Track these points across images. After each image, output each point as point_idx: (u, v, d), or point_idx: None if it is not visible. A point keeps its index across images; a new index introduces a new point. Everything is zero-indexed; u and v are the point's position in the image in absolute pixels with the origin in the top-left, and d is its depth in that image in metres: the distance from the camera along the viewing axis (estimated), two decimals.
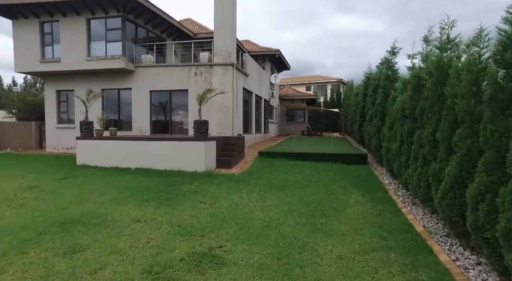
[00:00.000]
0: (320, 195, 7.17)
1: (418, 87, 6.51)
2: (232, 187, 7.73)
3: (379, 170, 9.89)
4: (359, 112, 14.51)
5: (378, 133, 10.07)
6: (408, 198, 6.82)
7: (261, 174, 9.13)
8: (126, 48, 12.37)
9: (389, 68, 10.18)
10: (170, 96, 13.09)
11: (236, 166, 10.27)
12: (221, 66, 12.30)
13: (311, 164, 10.57)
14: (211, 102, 11.91)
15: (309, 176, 8.99)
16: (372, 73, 14.06)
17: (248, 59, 15.14)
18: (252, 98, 16.27)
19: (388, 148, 8.27)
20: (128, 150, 9.87)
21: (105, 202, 6.37)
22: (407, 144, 6.62)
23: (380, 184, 8.17)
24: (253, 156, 11.96)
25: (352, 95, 20.32)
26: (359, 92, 16.48)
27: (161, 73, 12.93)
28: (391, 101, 8.88)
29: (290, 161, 10.88)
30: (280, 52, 20.33)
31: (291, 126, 27.58)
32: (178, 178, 8.65)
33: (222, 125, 12.41)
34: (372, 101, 11.45)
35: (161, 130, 13.34)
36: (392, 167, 7.99)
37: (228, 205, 6.37)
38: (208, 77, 12.40)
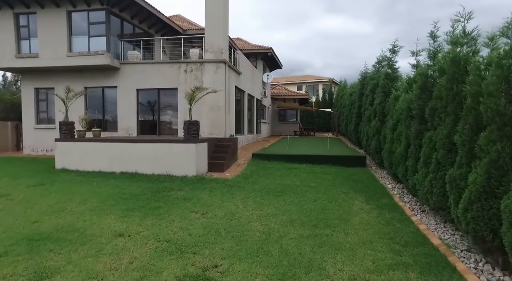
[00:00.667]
0: (321, 201, 6.67)
1: (425, 86, 6.08)
2: (226, 194, 7.15)
3: (380, 173, 9.47)
4: (355, 112, 14.12)
5: (378, 134, 9.65)
6: (416, 204, 6.38)
7: (256, 178, 8.57)
8: (110, 43, 11.59)
9: (389, 66, 9.78)
10: (158, 95, 12.38)
11: (229, 170, 9.68)
12: (213, 63, 11.67)
13: (308, 167, 10.07)
14: (202, 102, 11.28)
15: (307, 180, 8.49)
16: (368, 72, 13.71)
17: (241, 56, 14.56)
18: (245, 98, 15.70)
19: (391, 150, 7.83)
20: (112, 152, 9.16)
21: (85, 213, 5.69)
22: (415, 146, 6.18)
23: (383, 188, 7.73)
24: (246, 158, 11.39)
25: (346, 94, 19.97)
26: (354, 91, 16.13)
27: (148, 70, 12.21)
28: (393, 100, 8.47)
29: (286, 164, 10.36)
30: (272, 50, 19.82)
31: (283, 126, 27.12)
32: (167, 183, 8.01)
33: (213, 125, 11.79)
34: (370, 101, 11.05)
35: (148, 131, 12.62)
36: (396, 171, 7.55)
37: (223, 214, 5.79)
38: (198, 75, 11.75)
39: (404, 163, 6.73)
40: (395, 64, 9.65)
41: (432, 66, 6.03)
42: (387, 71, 9.77)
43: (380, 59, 11.43)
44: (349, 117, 16.21)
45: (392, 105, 8.45)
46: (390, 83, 9.47)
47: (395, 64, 9.65)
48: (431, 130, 5.57)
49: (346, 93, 19.13)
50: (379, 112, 9.64)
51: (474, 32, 4.70)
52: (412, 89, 6.77)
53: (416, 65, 7.26)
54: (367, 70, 13.93)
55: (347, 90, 20.65)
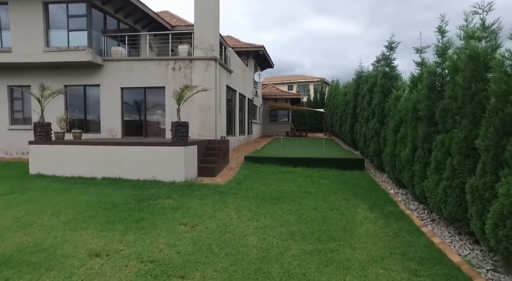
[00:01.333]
0: (322, 209, 6.15)
1: (434, 85, 5.65)
2: (217, 202, 6.55)
3: (380, 177, 9.04)
4: (350, 113, 13.71)
5: (377, 136, 9.22)
6: (424, 212, 5.93)
7: (250, 184, 7.99)
8: (92, 38, 10.77)
9: (387, 64, 9.37)
10: (145, 94, 11.65)
11: (220, 174, 9.07)
12: (203, 60, 11.03)
13: (303, 170, 9.56)
14: (192, 101, 10.62)
15: (304, 185, 7.97)
16: (364, 72, 13.33)
17: (232, 54, 13.95)
18: (236, 97, 15.10)
19: (393, 153, 7.39)
20: (93, 156, 8.42)
21: (57, 227, 5.00)
22: (423, 150, 5.73)
23: (386, 194, 7.28)
24: (238, 161, 10.80)
25: (339, 94, 19.62)
26: (349, 91, 15.75)
27: (134, 68, 11.46)
28: (394, 100, 8.04)
29: (281, 167, 9.82)
30: (264, 49, 19.26)
31: (274, 126, 26.63)
32: (153, 190, 7.35)
33: (203, 127, 11.15)
34: (367, 101, 10.63)
35: (134, 132, 11.87)
36: (399, 175, 7.11)
37: (215, 226, 5.20)
38: (187, 73, 11.09)
39: (410, 168, 6.28)
40: (393, 62, 9.25)
41: (440, 63, 5.59)
42: (385, 70, 9.37)
43: (380, 58, 11.03)
44: (343, 118, 15.82)
45: (392, 105, 8.02)
46: (388, 82, 9.07)
47: (393, 62, 9.24)
48: (442, 133, 5.13)
49: (340, 93, 18.76)
50: (378, 113, 9.22)
51: (495, 24, 4.25)
52: (418, 88, 6.34)
53: (421, 62, 6.83)
54: (363, 69, 13.56)
55: (340, 90, 20.31)
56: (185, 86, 7.90)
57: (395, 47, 9.24)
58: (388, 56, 9.34)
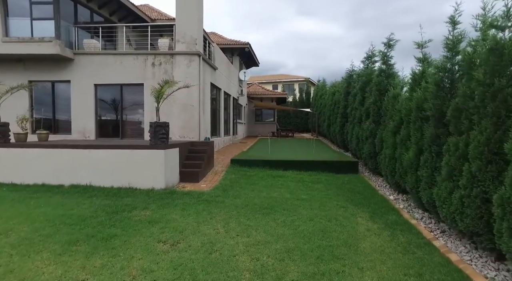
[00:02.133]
0: (319, 220, 5.52)
1: (443, 82, 5.12)
2: (202, 212, 5.79)
3: (376, 181, 8.53)
4: (340, 113, 13.23)
5: (372, 137, 8.71)
6: (430, 222, 5.40)
7: (237, 190, 7.27)
8: (60, 28, 9.70)
9: (383, 62, 8.88)
10: (121, 91, 10.68)
11: (204, 179, 8.28)
12: (185, 55, 10.19)
13: (295, 174, 8.93)
14: (173, 100, 9.79)
15: (297, 191, 7.33)
16: (355, 70, 12.89)
17: (217, 50, 13.16)
18: (221, 96, 14.32)
19: (393, 156, 6.87)
20: (60, 160, 7.44)
21: (2, 252, 4.10)
22: (430, 154, 5.20)
23: (386, 201, 6.74)
24: (224, 164, 10.04)
25: (327, 94, 19.20)
26: (338, 90, 15.31)
27: (109, 62, 10.47)
28: (392, 99, 7.54)
29: (270, 171, 9.15)
30: (250, 46, 18.55)
31: (260, 126, 25.98)
32: (129, 199, 6.49)
33: (186, 127, 10.32)
34: (360, 100, 10.13)
35: (110, 133, 10.87)
36: (400, 180, 6.59)
37: (199, 244, 4.46)
38: (168, 69, 10.22)
39: (414, 173, 5.75)
40: (391, 59, 8.76)
41: (450, 58, 5.07)
42: (382, 67, 8.88)
43: (370, 54, 10.57)
44: (332, 118, 15.34)
45: (390, 104, 7.52)
46: (385, 80, 8.58)
47: (391, 60, 8.76)
48: (454, 134, 4.60)
49: (327, 92, 18.33)
50: (373, 113, 8.71)
51: None
52: (422, 86, 5.83)
53: (422, 58, 6.33)
54: (354, 67, 13.11)
55: (327, 90, 19.91)
56: (164, 82, 7.08)
57: (394, 44, 8.76)
58: (385, 53, 8.85)
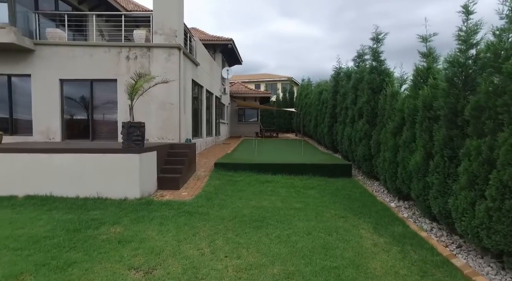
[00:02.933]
0: (318, 233, 4.85)
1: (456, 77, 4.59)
2: (183, 227, 4.97)
3: (372, 186, 7.98)
4: (329, 112, 12.71)
5: (366, 138, 8.18)
6: (441, 233, 4.85)
7: (223, 199, 6.48)
8: (17, 14, 8.50)
9: (374, 58, 8.37)
10: (92, 87, 9.59)
11: (186, 186, 7.43)
12: (164, 48, 9.26)
13: (285, 179, 8.24)
14: (150, 98, 8.86)
15: (289, 199, 6.64)
16: (343, 68, 12.40)
17: (198, 45, 12.28)
18: (203, 94, 13.44)
19: (393, 160, 6.32)
20: (14, 167, 6.37)
21: None
22: (442, 158, 4.65)
23: (387, 209, 6.16)
24: (207, 168, 9.21)
25: (311, 93, 18.72)
26: (325, 89, 14.82)
27: (77, 55, 9.36)
28: (390, 98, 7.01)
29: (258, 176, 8.42)
30: (233, 42, 17.74)
31: (243, 127, 25.21)
32: (97, 212, 5.56)
33: (165, 128, 9.39)
34: (352, 99, 9.60)
35: (78, 134, 9.76)
36: (402, 186, 6.04)
37: (180, 270, 3.67)
38: (145, 63, 9.25)
39: (421, 179, 5.19)
40: (381, 55, 8.26)
41: (464, 51, 4.54)
42: (372, 64, 8.37)
43: (361, 52, 10.07)
44: (319, 118, 14.82)
45: (388, 103, 6.99)
46: (378, 77, 8.07)
47: (381, 56, 8.26)
48: (473, 136, 4.05)
49: (314, 91, 17.83)
50: (367, 112, 8.18)
51: None
52: (429, 83, 5.29)
53: (427, 53, 5.81)
54: (341, 65, 12.62)
55: (313, 89, 19.45)
56: (139, 75, 6.18)
57: (383, 39, 8.27)
58: (375, 49, 8.34)
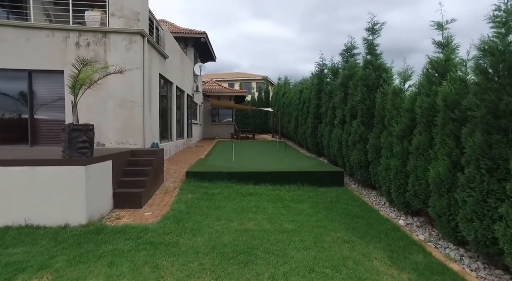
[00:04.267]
0: (322, 270, 3.71)
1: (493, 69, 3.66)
2: (142, 269, 3.61)
3: (368, 196, 7.01)
4: (312, 113, 11.72)
5: (362, 142, 7.21)
6: (477, 266, 3.89)
7: (197, 221, 5.15)
8: None
9: (369, 52, 7.44)
10: (31, 80, 7.81)
11: (151, 203, 6.00)
12: (124, 34, 7.72)
13: (269, 189, 7.06)
14: (107, 94, 7.32)
15: (278, 217, 5.45)
16: (327, 64, 11.48)
17: (167, 35, 10.76)
18: (172, 92, 11.92)
19: (401, 169, 5.35)
20: None
21: None
22: (477, 170, 3.69)
23: (397, 228, 5.13)
24: (178, 178, 7.80)
25: (290, 92, 17.76)
26: (306, 87, 13.87)
27: (9, 39, 7.55)
28: (391, 96, 6.07)
29: (238, 186, 7.16)
30: (206, 36, 16.28)
31: (216, 127, 23.76)
32: (20, 249, 4.03)
33: (126, 130, 7.85)
34: (341, 98, 8.63)
35: (13, 138, 7.92)
36: (415, 200, 5.07)
37: None
38: (100, 52, 7.65)
39: (446, 195, 4.22)
40: (377, 48, 7.35)
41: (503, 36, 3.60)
42: (367, 58, 7.44)
43: (349, 46, 9.15)
44: (300, 118, 13.82)
45: (389, 102, 6.03)
46: (374, 73, 7.14)
47: (377, 49, 7.35)
48: None
49: (293, 90, 16.85)
50: (362, 112, 7.22)
51: None
52: (451, 77, 4.34)
53: (444, 42, 4.88)
54: (324, 61, 11.69)
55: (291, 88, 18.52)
56: (83, 62, 4.69)
57: (379, 29, 7.35)
58: (370, 41, 7.41)
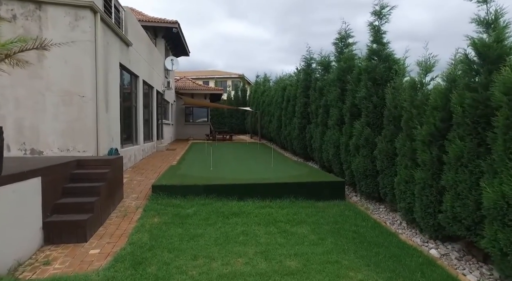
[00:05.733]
0: None
1: None
2: None
3: (376, 212, 5.80)
4: (299, 112, 10.48)
5: (368, 147, 6.02)
6: None
7: (164, 262, 3.63)
8: None
9: (375, 39, 6.29)
10: None
11: (101, 233, 4.38)
12: (66, 7, 5.97)
13: (258, 207, 5.67)
14: (44, 84, 5.64)
15: (274, 250, 4.06)
16: (315, 58, 10.32)
17: (130, 18, 9.04)
18: (138, 87, 10.20)
19: (429, 183, 4.17)
20: None
21: None
22: None
23: (432, 263, 3.89)
24: (143, 193, 6.19)
25: (271, 89, 16.49)
26: (289, 84, 12.64)
27: None
28: (408, 91, 4.92)
29: (218, 203, 5.71)
30: (179, 26, 14.56)
31: (191, 128, 21.99)
32: None
33: (72, 133, 6.11)
34: (338, 95, 7.43)
35: None
36: (454, 225, 3.90)
37: None
38: (33, 29, 5.86)
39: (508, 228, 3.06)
40: (384, 35, 6.21)
41: None
42: (373, 47, 6.29)
43: (343, 34, 7.99)
44: (284, 118, 12.53)
45: (406, 99, 4.88)
46: (382, 64, 5.99)
47: (384, 36, 6.21)
48: None
49: (275, 87, 15.57)
50: (368, 111, 6.04)
51: None
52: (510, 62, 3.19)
53: (489, 19, 3.76)
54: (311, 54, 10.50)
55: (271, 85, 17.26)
56: None
57: (388, 14, 6.22)
58: (377, 27, 6.26)
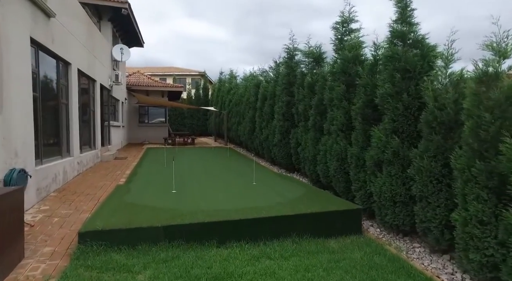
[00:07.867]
0: None
1: None
2: None
3: (411, 251, 4.15)
4: (281, 113, 8.67)
5: (397, 163, 4.36)
6: None
7: None
8: None
9: (402, 18, 4.72)
10: None
11: None
12: None
13: (249, 258, 3.72)
14: None
15: None
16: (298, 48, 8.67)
17: None
18: (71, 78, 7.65)
19: None
20: None
21: None
22: None
23: None
24: (63, 244, 3.88)
25: (240, 87, 14.56)
26: (267, 81, 10.84)
27: None
28: (477, 86, 3.32)
29: (187, 256, 3.65)
30: (129, 7, 11.93)
31: (146, 130, 19.23)
32: None
33: None
34: (343, 92, 5.74)
35: None
36: None
37: None
38: None
39: None
40: (414, 14, 4.66)
41: None
42: (400, 29, 4.71)
43: (347, 17, 6.37)
44: (259, 120, 10.65)
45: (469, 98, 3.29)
46: (414, 51, 4.42)
47: (414, 18, 4.65)
48: None
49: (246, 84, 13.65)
50: (395, 114, 4.40)
51: None
52: None
53: None
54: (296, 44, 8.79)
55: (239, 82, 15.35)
56: None
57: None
58: (405, 4, 4.67)
